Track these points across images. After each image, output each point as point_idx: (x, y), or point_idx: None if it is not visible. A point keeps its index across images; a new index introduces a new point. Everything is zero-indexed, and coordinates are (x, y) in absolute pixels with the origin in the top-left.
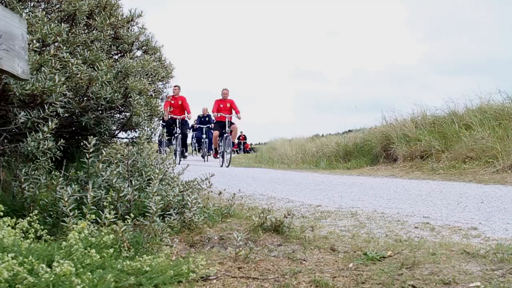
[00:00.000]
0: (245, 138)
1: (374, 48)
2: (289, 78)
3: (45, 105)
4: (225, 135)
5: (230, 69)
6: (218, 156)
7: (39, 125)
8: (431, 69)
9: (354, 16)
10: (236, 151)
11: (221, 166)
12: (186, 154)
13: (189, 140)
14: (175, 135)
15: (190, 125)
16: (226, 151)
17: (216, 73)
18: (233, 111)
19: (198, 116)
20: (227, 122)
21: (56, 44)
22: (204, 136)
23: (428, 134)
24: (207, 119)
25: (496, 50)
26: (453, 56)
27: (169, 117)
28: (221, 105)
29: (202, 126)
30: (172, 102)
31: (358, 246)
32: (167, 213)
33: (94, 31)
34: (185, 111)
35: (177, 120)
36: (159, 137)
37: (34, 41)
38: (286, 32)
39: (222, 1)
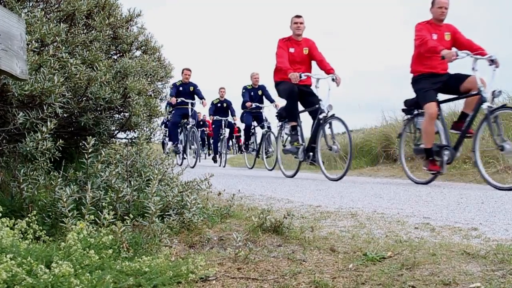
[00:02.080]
0: (239, 131)
1: (374, 49)
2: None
3: (44, 106)
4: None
5: (230, 69)
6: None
7: (38, 126)
8: None
9: (354, 17)
10: (240, 147)
11: None
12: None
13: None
14: (321, 120)
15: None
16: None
17: (216, 73)
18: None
19: (213, 104)
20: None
21: (55, 44)
22: (223, 131)
23: None
24: (224, 105)
25: (496, 50)
26: None
27: (299, 77)
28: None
29: (220, 118)
30: (291, 51)
31: (358, 247)
32: (166, 213)
33: (93, 31)
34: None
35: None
36: (163, 137)
37: (33, 41)
38: (286, 33)
39: (222, 1)
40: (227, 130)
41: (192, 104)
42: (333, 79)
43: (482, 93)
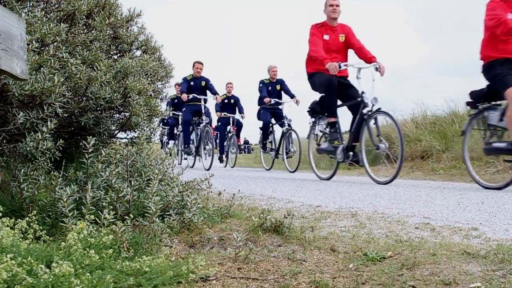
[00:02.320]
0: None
1: (374, 49)
2: (289, 79)
3: (44, 106)
4: None
5: (230, 70)
6: None
7: (38, 126)
8: (431, 69)
9: (354, 17)
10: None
11: None
12: None
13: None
14: (365, 115)
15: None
16: None
17: (216, 73)
18: None
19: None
20: None
21: (55, 44)
22: (228, 128)
23: (429, 134)
24: (232, 101)
25: None
26: (453, 57)
27: (337, 67)
28: None
29: (227, 115)
30: (326, 38)
31: (358, 247)
32: (167, 213)
33: (93, 31)
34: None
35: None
36: (160, 136)
37: (33, 41)
38: (286, 34)
39: (222, 1)
40: (229, 128)
41: (205, 101)
42: (376, 68)
43: None
